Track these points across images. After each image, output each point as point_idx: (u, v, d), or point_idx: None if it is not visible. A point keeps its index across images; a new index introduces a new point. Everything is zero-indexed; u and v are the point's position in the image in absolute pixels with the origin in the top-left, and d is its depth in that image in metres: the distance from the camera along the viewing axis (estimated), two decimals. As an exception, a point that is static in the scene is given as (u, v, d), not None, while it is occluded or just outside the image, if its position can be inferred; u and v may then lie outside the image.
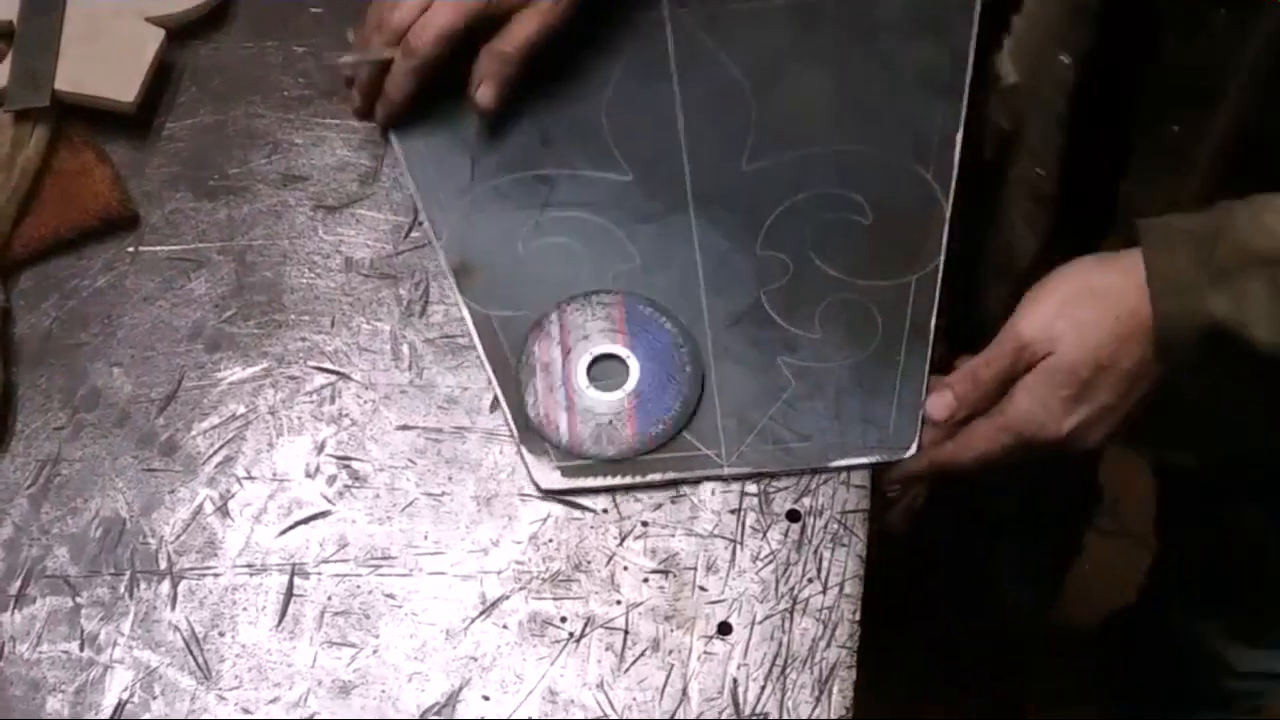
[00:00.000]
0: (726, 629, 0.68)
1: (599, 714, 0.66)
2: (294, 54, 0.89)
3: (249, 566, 0.70)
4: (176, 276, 0.80)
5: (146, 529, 0.71)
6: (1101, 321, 0.70)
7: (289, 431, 0.74)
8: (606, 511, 0.71)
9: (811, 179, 0.82)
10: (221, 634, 0.68)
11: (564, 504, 0.72)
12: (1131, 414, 0.72)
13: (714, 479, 0.72)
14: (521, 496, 0.72)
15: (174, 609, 0.69)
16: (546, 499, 0.72)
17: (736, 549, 0.70)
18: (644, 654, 0.67)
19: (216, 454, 0.74)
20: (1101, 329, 0.70)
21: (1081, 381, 0.70)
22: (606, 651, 0.67)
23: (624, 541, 0.70)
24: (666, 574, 0.70)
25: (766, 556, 0.70)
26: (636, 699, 0.66)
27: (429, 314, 0.78)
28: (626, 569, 0.70)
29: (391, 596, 0.69)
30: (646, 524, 0.71)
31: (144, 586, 0.70)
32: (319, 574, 0.70)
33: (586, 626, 0.68)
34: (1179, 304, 0.67)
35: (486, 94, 0.80)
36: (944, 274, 0.78)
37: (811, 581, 0.69)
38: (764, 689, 0.66)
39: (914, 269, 0.78)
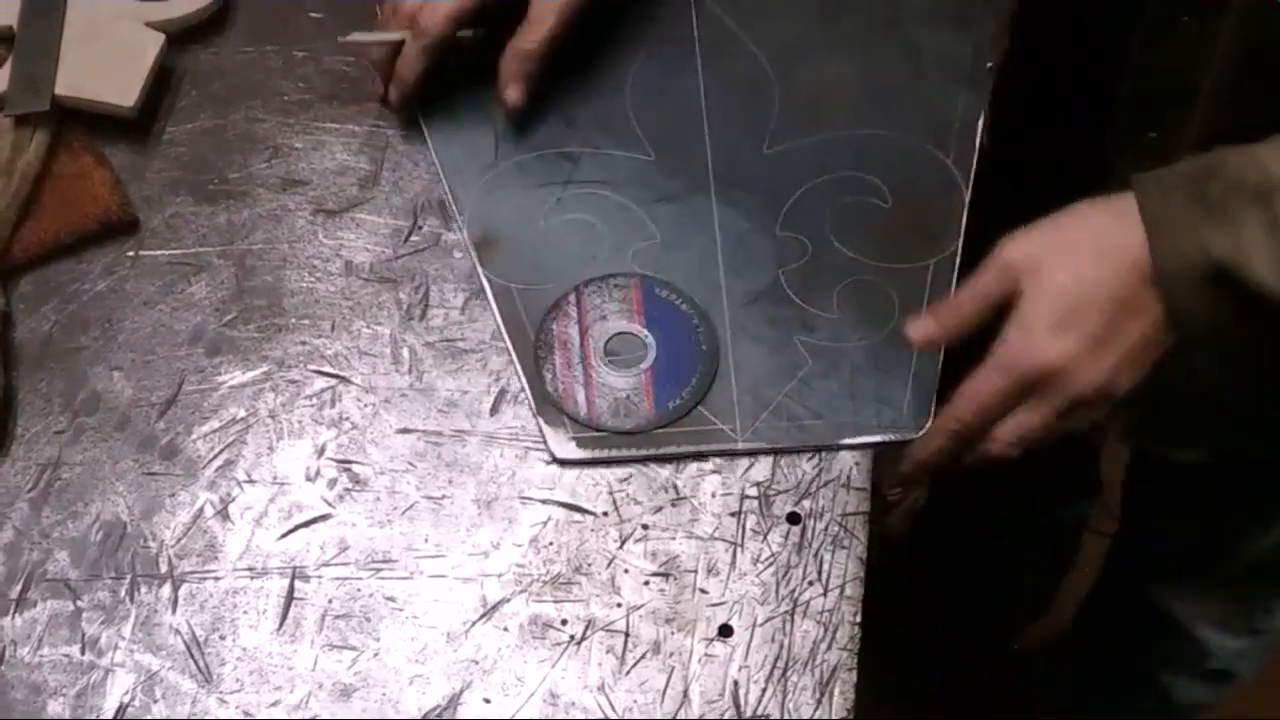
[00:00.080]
0: (727, 631, 0.68)
1: (600, 716, 0.66)
2: (294, 58, 0.89)
3: (250, 570, 0.70)
4: (176, 280, 0.80)
5: (147, 532, 0.71)
6: (1092, 249, 0.67)
7: (289, 435, 0.74)
8: (607, 514, 0.71)
9: (832, 162, 0.82)
10: (222, 637, 0.68)
11: (564, 507, 0.72)
12: (1128, 365, 0.68)
13: (728, 454, 0.73)
14: (522, 500, 0.72)
15: (175, 612, 0.69)
16: (547, 502, 0.72)
17: (737, 551, 0.70)
18: (645, 656, 0.67)
19: (217, 458, 0.74)
20: (1091, 255, 0.67)
21: (1068, 305, 0.67)
22: (607, 654, 0.67)
23: (624, 544, 0.71)
24: (667, 577, 0.70)
25: (767, 559, 0.70)
26: (637, 701, 0.66)
27: (429, 318, 0.78)
28: (627, 572, 0.70)
29: (392, 599, 0.69)
30: (647, 527, 0.71)
31: (145, 590, 0.70)
32: (320, 577, 0.70)
33: (587, 629, 0.68)
34: (1175, 243, 0.65)
35: (514, 94, 0.81)
36: (962, 259, 0.79)
37: (812, 584, 0.69)
38: (765, 691, 0.66)
39: (933, 253, 0.79)
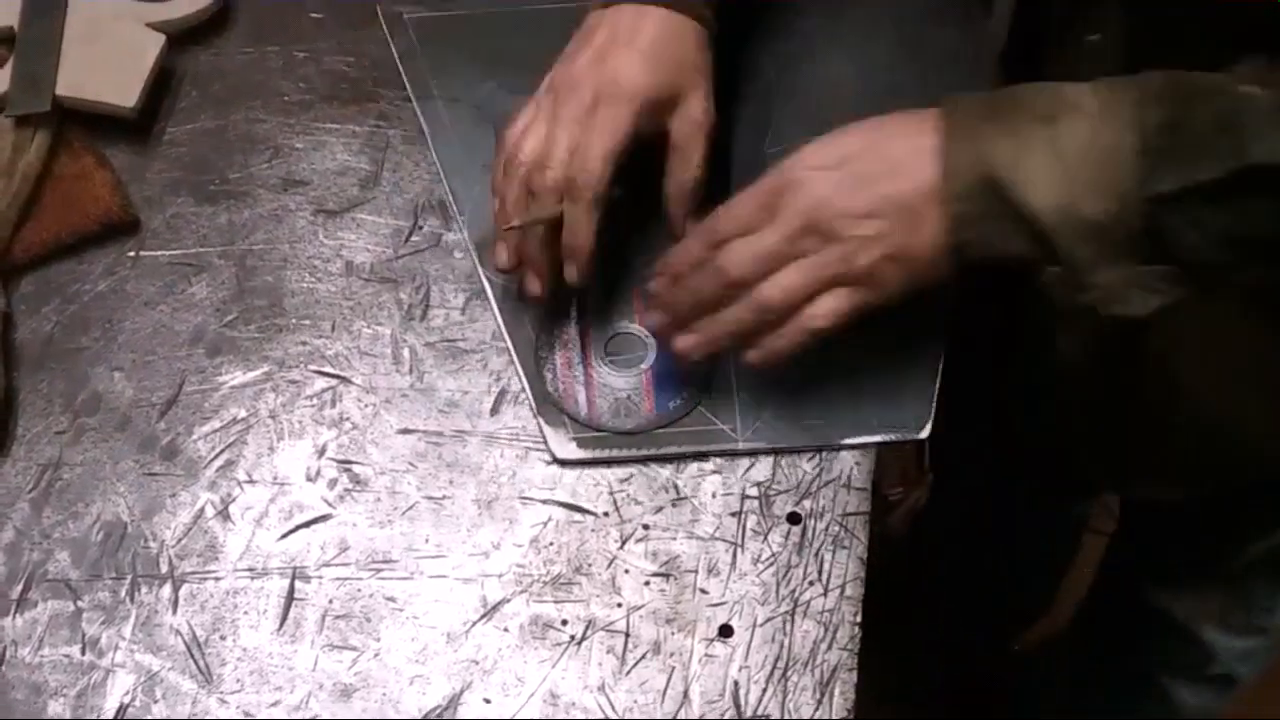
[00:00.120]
0: (728, 631, 0.68)
1: (600, 717, 0.66)
2: (294, 59, 0.89)
3: (250, 570, 0.70)
4: (177, 281, 0.80)
5: (148, 533, 0.71)
6: (886, 133, 0.67)
7: (290, 435, 0.74)
8: (607, 515, 0.71)
9: None
10: (223, 637, 0.68)
11: (565, 507, 0.72)
12: (891, 224, 0.65)
13: (728, 454, 0.73)
14: (522, 500, 0.72)
15: (175, 613, 0.69)
16: (547, 503, 0.72)
17: (737, 552, 0.70)
18: (645, 657, 0.67)
19: (217, 458, 0.74)
20: (883, 137, 0.67)
21: (845, 153, 0.67)
22: (608, 654, 0.67)
23: (625, 544, 0.71)
24: (667, 577, 0.70)
25: (767, 559, 0.70)
26: (638, 701, 0.66)
27: (429, 318, 0.78)
28: (627, 572, 0.70)
29: (392, 600, 0.69)
30: (647, 527, 0.71)
31: (145, 590, 0.70)
32: (320, 577, 0.70)
33: (588, 629, 0.68)
34: (961, 145, 0.64)
35: (572, 273, 0.74)
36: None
37: (812, 584, 0.69)
38: (765, 691, 0.66)
39: None
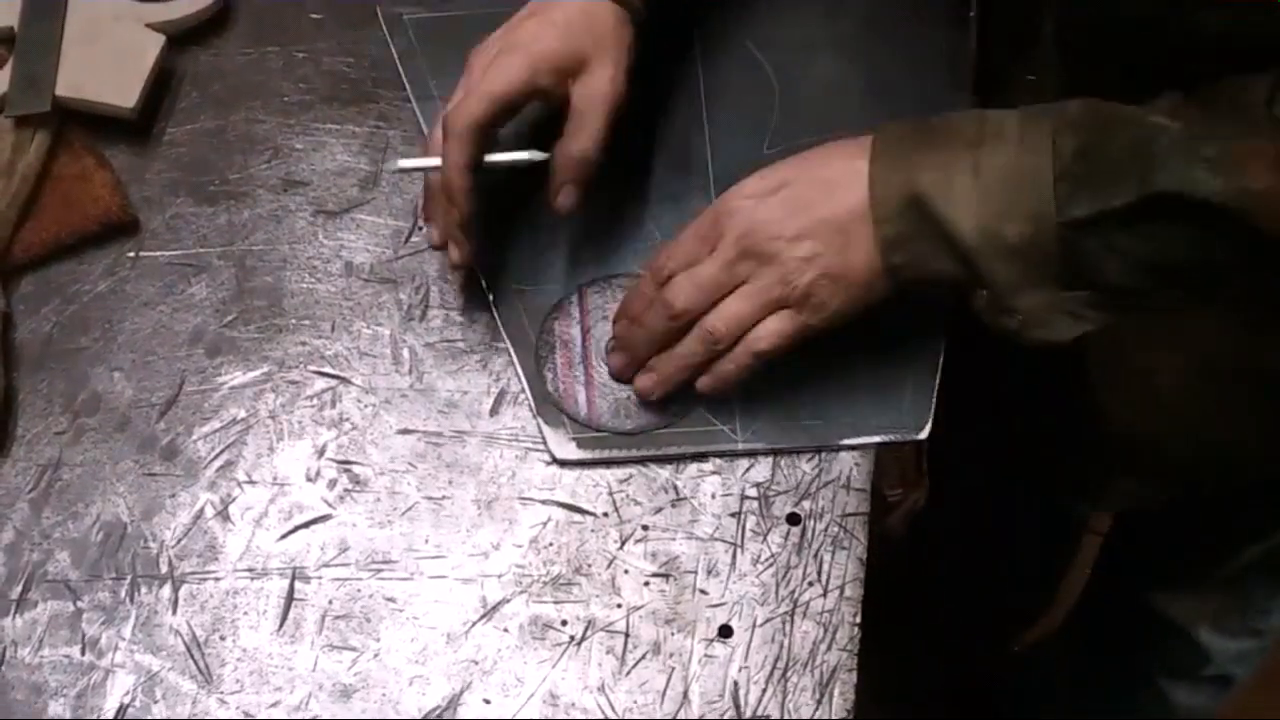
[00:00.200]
0: (727, 632, 0.68)
1: (600, 717, 0.66)
2: (294, 59, 0.89)
3: (250, 570, 0.70)
4: (177, 281, 0.80)
5: (147, 533, 0.71)
6: (823, 158, 0.70)
7: (289, 436, 0.74)
8: (607, 515, 0.71)
9: None
10: (222, 638, 0.68)
11: (564, 508, 0.72)
12: (825, 243, 0.68)
13: (728, 454, 0.73)
14: (522, 500, 0.72)
15: (175, 613, 0.69)
16: (547, 503, 0.72)
17: (737, 552, 0.70)
18: (645, 657, 0.67)
19: (217, 458, 0.74)
20: (820, 163, 0.69)
21: (781, 180, 0.69)
22: (607, 655, 0.67)
23: (624, 545, 0.71)
24: (667, 577, 0.70)
25: (767, 560, 0.70)
26: (637, 702, 0.66)
27: (429, 318, 0.78)
28: (627, 572, 0.70)
29: (392, 600, 0.69)
30: (647, 528, 0.71)
31: (145, 591, 0.70)
32: (320, 578, 0.70)
33: (587, 630, 0.68)
34: (891, 165, 0.67)
35: (567, 201, 0.76)
36: None
37: (812, 584, 0.69)
38: (765, 692, 0.66)
39: None
